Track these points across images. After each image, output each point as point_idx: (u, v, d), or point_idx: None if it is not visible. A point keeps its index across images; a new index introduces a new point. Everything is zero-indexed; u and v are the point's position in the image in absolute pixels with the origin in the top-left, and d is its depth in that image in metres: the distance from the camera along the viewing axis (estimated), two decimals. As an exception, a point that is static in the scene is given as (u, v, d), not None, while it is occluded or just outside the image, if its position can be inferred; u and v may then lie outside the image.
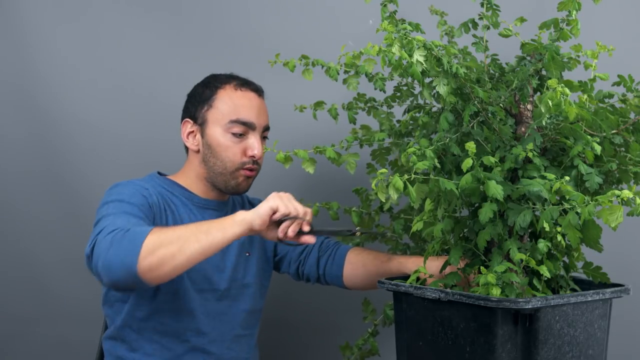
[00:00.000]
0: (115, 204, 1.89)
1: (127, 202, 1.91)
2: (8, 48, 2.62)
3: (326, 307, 2.58)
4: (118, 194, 1.93)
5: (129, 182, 2.01)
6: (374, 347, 2.17)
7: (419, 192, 1.67)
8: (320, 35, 2.52)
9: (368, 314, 2.19)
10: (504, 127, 1.73)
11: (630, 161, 1.75)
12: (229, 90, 2.09)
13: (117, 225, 1.79)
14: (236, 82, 2.10)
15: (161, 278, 1.75)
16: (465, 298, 1.60)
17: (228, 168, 2.06)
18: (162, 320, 2.00)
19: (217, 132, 2.06)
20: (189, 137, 2.11)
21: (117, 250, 1.73)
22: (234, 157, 2.06)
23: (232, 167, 2.06)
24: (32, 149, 2.63)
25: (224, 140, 2.05)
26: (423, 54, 1.63)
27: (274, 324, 2.54)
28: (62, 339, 2.66)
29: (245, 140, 2.07)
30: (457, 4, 2.03)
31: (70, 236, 2.63)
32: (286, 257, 2.23)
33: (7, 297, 2.65)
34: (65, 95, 2.63)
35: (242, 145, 2.07)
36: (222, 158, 2.06)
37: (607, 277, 1.80)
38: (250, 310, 2.13)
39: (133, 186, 1.98)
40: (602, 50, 1.78)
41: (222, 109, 2.06)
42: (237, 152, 2.06)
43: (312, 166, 1.91)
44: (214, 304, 2.06)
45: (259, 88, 2.13)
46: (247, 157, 2.07)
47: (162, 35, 2.63)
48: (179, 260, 1.74)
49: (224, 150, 2.05)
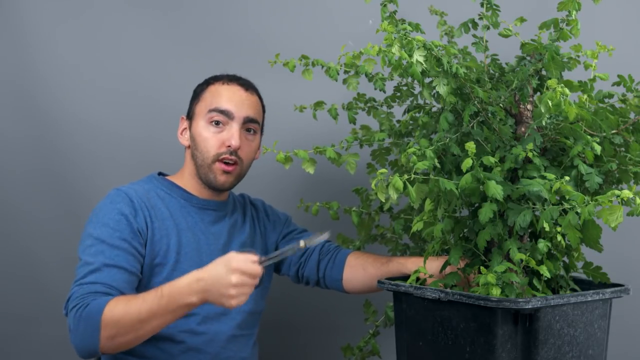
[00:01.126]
0: (97, 247, 1.91)
1: (108, 243, 1.91)
2: (8, 48, 2.62)
3: (327, 307, 2.57)
4: (102, 227, 1.94)
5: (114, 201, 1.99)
6: (375, 348, 2.17)
7: (419, 192, 1.67)
8: (320, 35, 2.51)
9: (369, 315, 2.19)
10: (504, 127, 1.73)
11: (630, 161, 1.75)
12: (217, 85, 2.09)
13: (81, 294, 1.83)
14: (225, 78, 2.11)
15: (123, 350, 1.84)
16: (465, 298, 1.60)
17: (205, 160, 2.05)
18: None
19: (200, 124, 2.06)
20: (183, 134, 2.12)
21: (79, 336, 1.80)
22: (211, 148, 2.04)
23: (209, 159, 2.04)
24: (32, 149, 2.63)
25: (204, 131, 2.05)
26: (423, 54, 1.63)
27: (274, 324, 2.54)
28: (62, 339, 2.65)
29: (224, 131, 2.05)
30: (457, 4, 2.03)
31: (70, 236, 2.62)
32: (286, 259, 2.21)
33: (8, 297, 2.64)
34: (65, 95, 2.62)
35: (221, 136, 2.05)
36: (200, 149, 2.05)
37: (607, 277, 1.80)
38: (250, 312, 2.13)
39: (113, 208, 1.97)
40: (602, 50, 1.78)
41: (206, 99, 2.07)
42: (215, 143, 2.04)
43: (312, 166, 1.91)
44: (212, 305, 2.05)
45: (247, 83, 2.12)
46: (225, 148, 2.04)
47: (162, 35, 2.63)
48: (139, 340, 1.82)
49: (203, 140, 2.05)
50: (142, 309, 1.78)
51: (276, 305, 2.49)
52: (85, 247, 1.94)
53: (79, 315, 1.80)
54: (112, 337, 1.78)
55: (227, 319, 2.07)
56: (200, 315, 2.02)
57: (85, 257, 1.92)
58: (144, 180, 2.09)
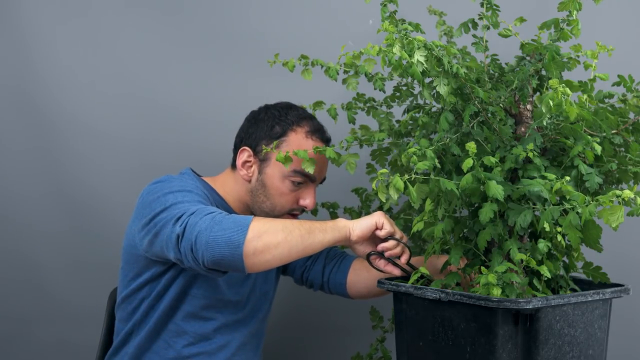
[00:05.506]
0: (184, 194, 1.85)
1: (196, 193, 1.87)
2: (7, 49, 2.62)
3: (331, 310, 2.57)
4: (180, 186, 1.89)
5: (181, 177, 1.96)
6: (386, 354, 2.16)
7: (419, 193, 1.67)
8: (320, 35, 2.51)
9: (376, 322, 2.18)
10: (504, 127, 1.73)
11: (630, 161, 1.75)
12: (300, 136, 2.00)
13: (211, 209, 1.77)
14: (309, 128, 2.02)
15: (261, 265, 1.73)
16: (466, 298, 1.60)
17: (276, 212, 2.02)
18: (177, 322, 2.00)
19: (276, 176, 1.99)
20: (244, 166, 2.03)
21: (223, 229, 1.71)
22: (286, 204, 2.01)
23: (280, 212, 2.02)
24: (32, 151, 2.63)
25: (281, 186, 1.99)
26: (424, 54, 1.63)
27: (278, 327, 2.54)
28: (62, 340, 2.65)
29: (301, 189, 2.02)
30: (457, 4, 2.03)
31: (70, 238, 2.63)
32: (291, 262, 2.19)
33: (7, 298, 2.64)
34: (64, 96, 2.62)
35: (297, 194, 2.02)
36: (273, 201, 2.01)
37: (607, 277, 1.80)
38: (264, 317, 2.13)
39: (191, 180, 1.94)
40: (602, 50, 1.78)
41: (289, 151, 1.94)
42: (290, 200, 2.01)
43: (312, 166, 1.90)
44: (232, 312, 2.05)
45: (329, 138, 2.07)
46: (298, 205, 2.03)
47: (161, 36, 2.62)
48: (282, 250, 1.73)
49: (278, 195, 2.00)
50: (285, 222, 1.77)
51: (280, 308, 2.49)
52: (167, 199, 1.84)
53: (224, 216, 1.73)
54: (260, 235, 1.71)
55: (243, 327, 2.07)
56: (224, 323, 2.02)
57: (175, 200, 1.83)
58: (184, 178, 2.00)
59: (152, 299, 1.99)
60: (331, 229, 1.79)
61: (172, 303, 1.98)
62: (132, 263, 2.00)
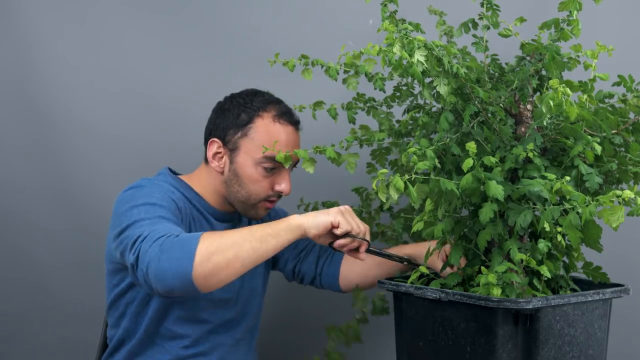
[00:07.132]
0: (147, 208, 1.82)
1: (159, 205, 1.83)
2: (9, 49, 2.62)
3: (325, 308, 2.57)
4: (147, 197, 1.86)
5: (152, 183, 1.93)
6: (356, 332, 2.14)
7: (419, 192, 1.67)
8: (320, 35, 2.51)
9: (358, 300, 2.16)
10: (504, 127, 1.73)
11: (630, 161, 1.75)
12: (267, 121, 1.98)
13: (161, 232, 1.72)
14: (275, 112, 2.00)
15: (215, 285, 1.69)
16: (466, 298, 1.60)
17: (252, 199, 2.00)
18: (169, 327, 1.99)
19: (248, 164, 1.97)
20: (215, 158, 2.01)
21: (170, 258, 1.66)
22: (261, 190, 1.99)
23: (256, 199, 2.00)
24: (33, 151, 2.63)
25: (253, 173, 1.97)
26: (424, 54, 1.63)
27: (272, 325, 2.54)
28: (62, 340, 2.65)
29: (274, 174, 2.00)
30: (457, 4, 2.03)
31: (70, 237, 2.63)
32: (284, 254, 2.19)
33: (7, 298, 2.64)
34: (66, 96, 2.62)
35: (271, 179, 2.00)
36: (247, 189, 1.99)
37: (607, 277, 1.80)
38: (256, 313, 2.13)
39: (159, 188, 1.90)
40: (602, 50, 1.78)
41: (257, 139, 1.97)
42: (265, 186, 1.99)
43: (312, 166, 1.90)
44: (224, 311, 2.04)
45: (297, 120, 2.05)
46: (274, 191, 2.01)
47: (162, 36, 2.62)
48: (234, 267, 1.69)
49: (252, 182, 1.98)
50: (234, 234, 1.72)
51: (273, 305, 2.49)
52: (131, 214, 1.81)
53: (171, 241, 1.68)
54: (208, 257, 1.65)
55: (235, 324, 2.07)
56: (215, 321, 2.02)
57: (138, 216, 1.79)
58: (159, 179, 2.01)
59: (138, 304, 1.97)
60: (284, 231, 1.75)
61: (161, 307, 1.96)
62: (112, 269, 1.99)
